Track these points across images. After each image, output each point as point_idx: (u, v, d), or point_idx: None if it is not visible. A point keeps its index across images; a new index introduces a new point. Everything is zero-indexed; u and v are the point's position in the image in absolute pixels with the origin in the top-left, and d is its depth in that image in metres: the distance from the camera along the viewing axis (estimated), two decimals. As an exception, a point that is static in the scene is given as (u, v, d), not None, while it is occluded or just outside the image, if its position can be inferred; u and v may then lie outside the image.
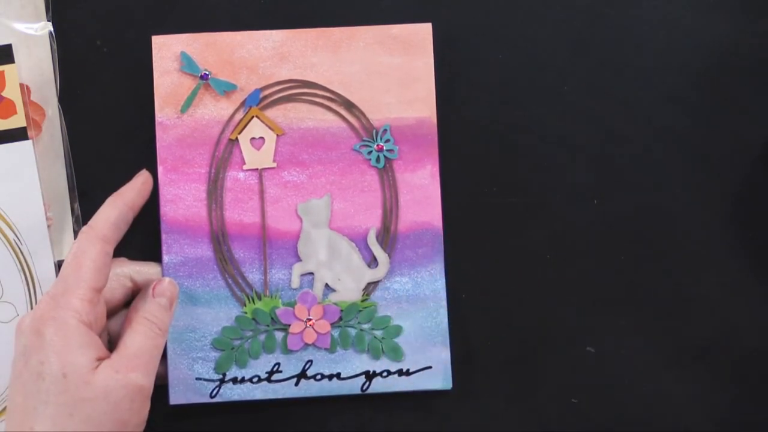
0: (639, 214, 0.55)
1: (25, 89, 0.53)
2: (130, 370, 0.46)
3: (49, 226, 0.53)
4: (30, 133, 0.53)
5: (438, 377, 0.53)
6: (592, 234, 0.55)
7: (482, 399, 0.54)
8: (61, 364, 0.45)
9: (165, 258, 0.53)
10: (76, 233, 0.53)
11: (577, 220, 0.55)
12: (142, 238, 0.53)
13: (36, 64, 0.53)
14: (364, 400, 0.53)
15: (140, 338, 0.47)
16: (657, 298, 0.55)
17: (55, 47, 0.54)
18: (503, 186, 0.55)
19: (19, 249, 0.53)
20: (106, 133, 0.54)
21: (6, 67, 0.53)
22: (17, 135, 0.53)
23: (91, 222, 0.49)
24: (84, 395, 0.45)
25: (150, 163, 0.53)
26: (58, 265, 0.53)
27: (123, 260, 0.52)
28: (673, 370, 0.54)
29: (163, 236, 0.53)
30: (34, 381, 0.45)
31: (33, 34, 0.53)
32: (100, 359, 0.46)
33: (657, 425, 0.54)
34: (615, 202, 0.55)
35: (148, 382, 0.47)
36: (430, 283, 0.53)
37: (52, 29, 0.54)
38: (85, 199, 0.54)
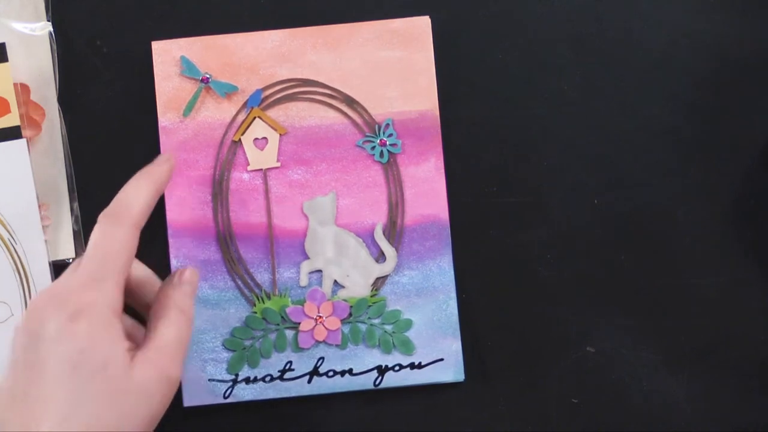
0: (639, 213, 0.55)
1: (22, 89, 0.53)
2: (166, 364, 0.45)
3: (47, 226, 0.53)
4: (24, 132, 0.53)
5: (450, 369, 0.53)
6: (592, 234, 0.55)
7: (480, 399, 0.54)
8: (102, 355, 0.43)
9: (173, 261, 0.53)
10: (75, 233, 0.53)
11: (577, 220, 0.55)
12: (149, 243, 0.52)
13: (35, 64, 0.54)
14: (377, 394, 0.54)
15: (175, 330, 0.46)
16: (657, 298, 0.55)
17: (54, 47, 0.54)
18: (503, 185, 0.55)
19: (14, 248, 0.53)
20: (106, 134, 0.54)
21: (-1, 66, 0.53)
22: (11, 134, 0.53)
23: (122, 204, 0.47)
24: (124, 387, 0.43)
25: (153, 165, 0.53)
26: (53, 264, 0.53)
27: None
28: (673, 370, 0.54)
29: (171, 240, 0.53)
30: (70, 371, 0.42)
31: (33, 34, 0.54)
32: (131, 350, 0.44)
33: (657, 425, 0.54)
34: (615, 202, 0.55)
35: (180, 375, 0.45)
36: (438, 275, 0.53)
37: (52, 29, 0.54)
38: (85, 199, 0.54)
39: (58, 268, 0.53)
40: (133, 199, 0.47)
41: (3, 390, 0.43)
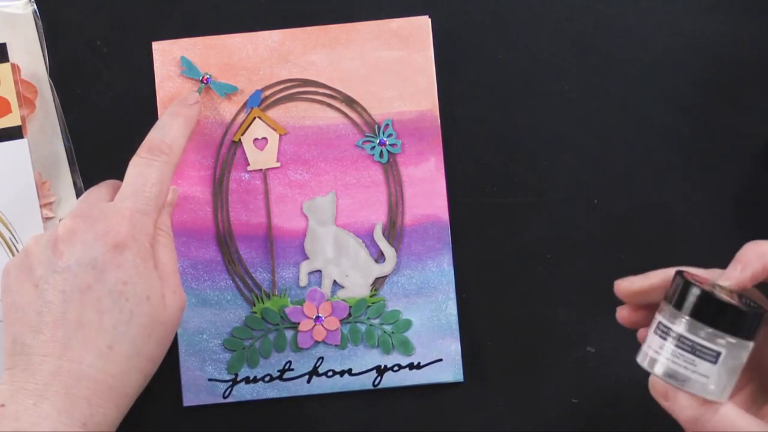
0: (639, 214, 0.55)
1: (12, 68, 0.53)
2: (180, 289, 0.46)
3: (52, 203, 0.54)
4: (21, 111, 0.53)
5: (449, 370, 0.53)
6: (592, 234, 0.55)
7: (481, 399, 0.54)
8: (145, 287, 0.44)
9: (173, 261, 0.53)
10: None
11: (577, 220, 0.55)
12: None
13: (22, 43, 0.54)
14: (376, 395, 0.54)
15: (169, 252, 0.47)
16: (657, 297, 0.55)
17: (40, 23, 0.54)
18: (503, 185, 0.55)
19: (15, 248, 0.53)
20: (106, 134, 0.54)
21: (0, 66, 0.53)
22: (12, 134, 0.53)
23: (158, 141, 0.48)
24: (162, 318, 0.45)
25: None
26: None
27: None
28: (674, 370, 0.54)
29: (171, 240, 0.53)
30: (114, 299, 0.44)
31: (17, 12, 0.54)
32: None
33: (657, 425, 0.54)
34: (615, 202, 0.55)
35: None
36: (437, 275, 0.53)
37: (35, 7, 0.54)
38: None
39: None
40: (168, 136, 0.49)
41: (42, 314, 0.44)
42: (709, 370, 0.39)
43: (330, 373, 0.53)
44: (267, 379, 0.53)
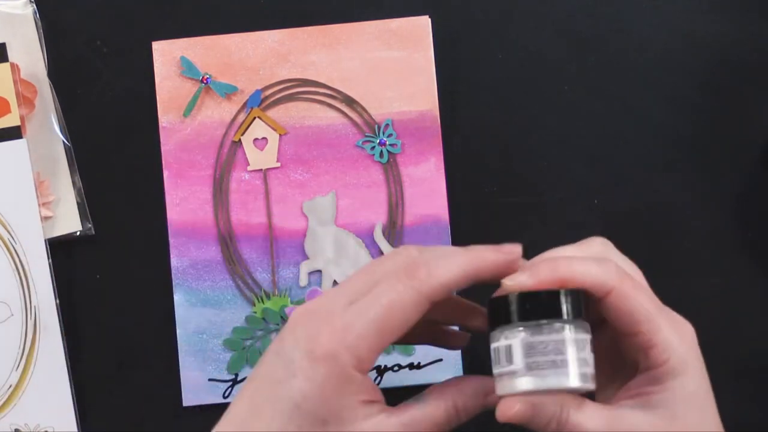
0: (639, 214, 0.55)
1: (12, 68, 0.53)
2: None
3: (51, 202, 0.54)
4: (20, 111, 0.53)
5: (449, 370, 0.53)
6: (591, 234, 0.55)
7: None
8: (326, 410, 0.38)
9: (173, 261, 0.53)
10: (79, 206, 0.54)
11: (577, 220, 0.55)
12: (149, 243, 0.53)
13: (22, 43, 0.54)
14: None
15: (444, 413, 0.40)
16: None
17: (40, 23, 0.54)
18: (503, 185, 0.55)
19: (14, 248, 0.53)
20: (106, 134, 0.54)
21: (-1, 66, 0.54)
22: (11, 134, 0.53)
23: (423, 269, 0.39)
24: None
25: (153, 166, 0.53)
26: (51, 266, 0.53)
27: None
28: (674, 370, 0.54)
29: (171, 240, 0.53)
30: (289, 408, 0.38)
31: (16, 12, 0.54)
32: (371, 402, 0.39)
33: None
34: (615, 202, 0.55)
35: None
36: (438, 275, 0.54)
37: (35, 7, 0.54)
38: (87, 198, 0.54)
39: (65, 244, 0.54)
40: (442, 274, 0.39)
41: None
42: (569, 356, 0.37)
43: (330, 373, 0.53)
44: (267, 379, 0.53)
